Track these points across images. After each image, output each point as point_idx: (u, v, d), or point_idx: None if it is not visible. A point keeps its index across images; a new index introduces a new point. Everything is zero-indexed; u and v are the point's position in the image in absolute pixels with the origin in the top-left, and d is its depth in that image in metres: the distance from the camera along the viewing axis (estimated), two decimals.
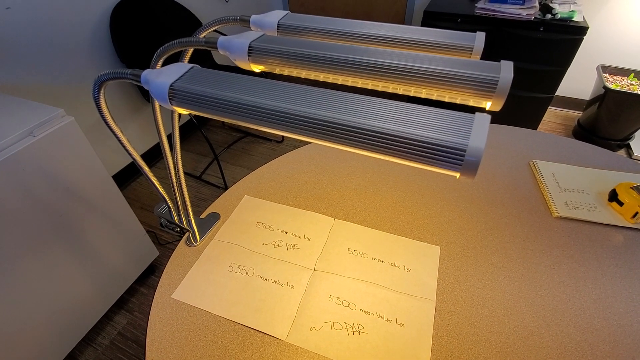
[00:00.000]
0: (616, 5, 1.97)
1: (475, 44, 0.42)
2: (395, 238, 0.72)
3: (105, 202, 1.11)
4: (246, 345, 0.55)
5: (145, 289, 1.42)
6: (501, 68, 0.33)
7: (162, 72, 0.39)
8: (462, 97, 0.34)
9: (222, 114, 0.37)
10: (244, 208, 0.79)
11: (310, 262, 0.67)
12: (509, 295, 0.62)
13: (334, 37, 0.47)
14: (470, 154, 0.28)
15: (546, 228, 0.73)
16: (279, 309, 0.60)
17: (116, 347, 1.24)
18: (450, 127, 0.29)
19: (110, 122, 0.50)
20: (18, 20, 1.28)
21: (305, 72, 0.41)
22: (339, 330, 0.57)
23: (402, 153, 0.30)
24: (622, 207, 0.75)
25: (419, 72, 0.35)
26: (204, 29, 0.52)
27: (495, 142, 0.97)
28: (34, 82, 1.39)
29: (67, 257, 1.03)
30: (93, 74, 1.60)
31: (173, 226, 0.73)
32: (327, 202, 0.80)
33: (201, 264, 0.67)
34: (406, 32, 0.44)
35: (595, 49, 2.13)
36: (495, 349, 0.54)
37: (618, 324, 0.57)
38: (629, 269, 0.65)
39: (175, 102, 0.38)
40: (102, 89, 0.45)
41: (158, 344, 0.56)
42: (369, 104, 0.32)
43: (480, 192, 0.82)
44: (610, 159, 0.90)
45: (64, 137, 0.93)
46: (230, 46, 0.42)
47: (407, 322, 0.58)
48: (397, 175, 0.87)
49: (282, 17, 0.50)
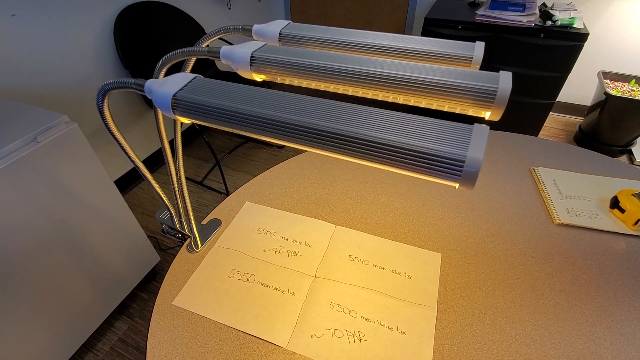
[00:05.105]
0: (616, 11, 1.98)
1: (475, 53, 0.43)
2: (396, 245, 0.72)
3: (107, 207, 1.11)
4: (247, 353, 0.55)
5: (146, 295, 1.41)
6: (500, 79, 0.33)
7: (165, 82, 0.39)
8: (461, 107, 0.35)
9: (224, 123, 0.37)
10: (245, 214, 0.79)
11: (311, 268, 0.67)
12: (510, 302, 0.61)
13: (335, 47, 0.47)
14: (469, 165, 0.28)
15: (547, 235, 0.73)
16: (279, 316, 0.60)
17: (117, 353, 1.23)
18: (449, 138, 0.29)
19: (113, 130, 0.50)
20: (23, 26, 1.30)
21: (306, 82, 0.41)
22: (340, 337, 0.57)
23: (402, 163, 0.30)
24: (623, 214, 0.74)
25: (418, 82, 0.36)
26: (207, 37, 0.53)
27: (496, 148, 0.97)
28: (37, 88, 1.40)
29: (68, 262, 1.04)
30: (97, 81, 1.61)
31: (174, 232, 0.73)
32: (328, 209, 0.80)
33: (202, 270, 0.67)
34: (406, 42, 0.45)
35: (596, 55, 2.14)
36: (496, 357, 0.54)
37: (621, 332, 0.57)
38: (631, 277, 0.65)
39: (178, 112, 0.39)
40: (105, 98, 0.46)
41: (159, 350, 0.56)
42: (368, 115, 0.33)
43: (481, 199, 0.82)
44: (611, 166, 0.90)
45: (67, 143, 0.94)
46: (233, 56, 0.43)
47: (408, 329, 0.58)
48: (398, 182, 0.87)
49: (284, 27, 0.50)
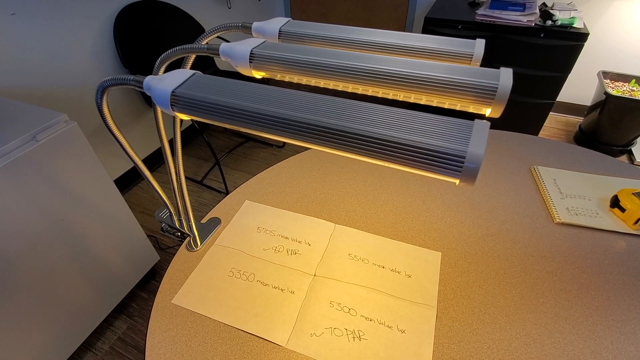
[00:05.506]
0: (617, 11, 1.97)
1: (475, 50, 0.42)
2: (396, 244, 0.71)
3: (106, 206, 1.11)
4: (246, 352, 0.55)
5: (146, 294, 1.41)
6: (500, 75, 0.33)
7: (164, 78, 0.39)
8: (461, 104, 0.35)
9: (224, 120, 0.37)
10: (245, 213, 0.79)
11: (311, 267, 0.67)
12: (510, 301, 0.61)
13: (335, 44, 0.47)
14: (469, 161, 0.28)
15: (548, 234, 0.73)
16: (279, 315, 0.60)
17: (116, 352, 1.23)
18: (450, 134, 0.29)
19: (112, 127, 0.50)
20: (22, 25, 1.30)
21: (306, 79, 0.41)
22: (340, 336, 0.57)
23: (402, 159, 0.30)
24: (624, 214, 0.74)
25: (419, 79, 0.35)
26: (207, 35, 0.53)
27: (496, 147, 0.97)
28: (37, 87, 1.40)
29: (68, 261, 1.03)
30: (96, 79, 1.61)
31: (174, 231, 0.73)
32: (327, 208, 0.80)
33: (202, 269, 0.67)
34: (406, 39, 0.45)
35: (596, 55, 2.14)
36: (497, 356, 0.54)
37: (621, 332, 0.57)
38: (631, 276, 0.65)
39: (177, 108, 0.39)
40: (104, 95, 0.46)
41: (158, 349, 0.56)
42: (368, 111, 0.33)
43: (481, 198, 0.82)
44: (612, 165, 0.90)
45: (66, 142, 0.94)
46: (232, 53, 0.43)
47: (408, 328, 0.58)
48: (398, 180, 0.87)
49: (283, 24, 0.50)
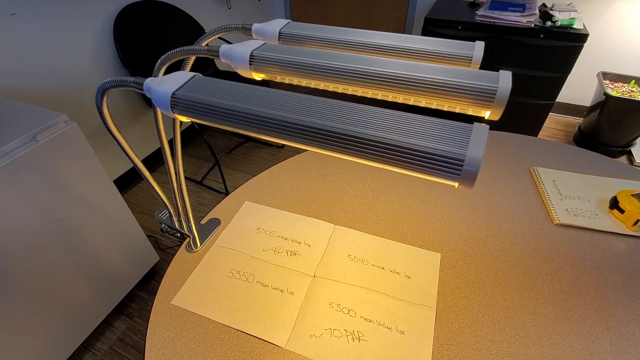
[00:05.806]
0: (616, 12, 1.98)
1: (475, 52, 0.42)
2: (396, 245, 0.72)
3: (106, 206, 1.11)
4: (245, 352, 0.55)
5: (145, 294, 1.41)
6: (500, 78, 0.33)
7: (164, 80, 0.39)
8: (461, 107, 0.35)
9: (223, 122, 0.37)
10: (245, 214, 0.79)
11: (311, 268, 0.67)
12: (509, 302, 0.61)
13: (335, 46, 0.47)
14: (468, 164, 0.28)
15: (547, 235, 0.73)
16: (278, 316, 0.60)
17: (115, 352, 1.23)
18: (449, 137, 0.29)
19: (112, 129, 0.50)
20: (22, 25, 1.30)
21: (305, 81, 0.41)
22: (339, 337, 0.57)
23: (401, 162, 0.30)
24: (623, 215, 0.74)
25: (418, 81, 0.36)
26: (207, 36, 0.53)
27: (495, 148, 0.97)
28: (36, 87, 1.40)
29: (67, 261, 1.03)
30: (96, 80, 1.61)
31: (173, 232, 0.73)
32: (327, 209, 0.80)
33: (201, 269, 0.67)
34: (406, 41, 0.45)
35: (595, 56, 2.14)
36: (496, 357, 0.54)
37: (620, 333, 0.57)
38: (630, 277, 0.65)
39: (177, 110, 0.39)
40: (104, 96, 0.46)
41: (157, 350, 0.56)
42: (368, 113, 0.33)
43: (480, 199, 0.82)
44: (611, 166, 0.90)
45: (66, 142, 0.94)
46: (232, 55, 0.43)
47: (407, 329, 0.58)
48: (398, 181, 0.87)
49: (283, 26, 0.50)
